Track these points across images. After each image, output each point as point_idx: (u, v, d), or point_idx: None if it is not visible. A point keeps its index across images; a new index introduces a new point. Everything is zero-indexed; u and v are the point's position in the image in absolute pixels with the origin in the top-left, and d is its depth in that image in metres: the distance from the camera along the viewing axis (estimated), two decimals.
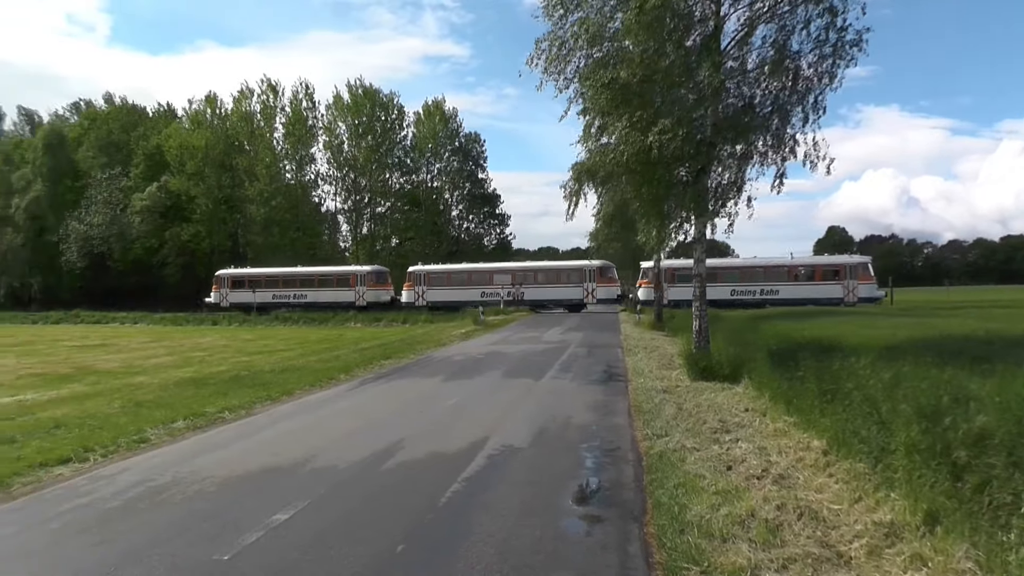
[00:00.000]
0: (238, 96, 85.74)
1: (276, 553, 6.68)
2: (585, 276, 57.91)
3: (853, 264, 52.57)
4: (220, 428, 13.24)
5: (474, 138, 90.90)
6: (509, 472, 9.44)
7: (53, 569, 6.63)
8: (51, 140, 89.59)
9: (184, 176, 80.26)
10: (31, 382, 20.55)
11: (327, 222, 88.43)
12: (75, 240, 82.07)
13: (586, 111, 18.09)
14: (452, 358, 25.05)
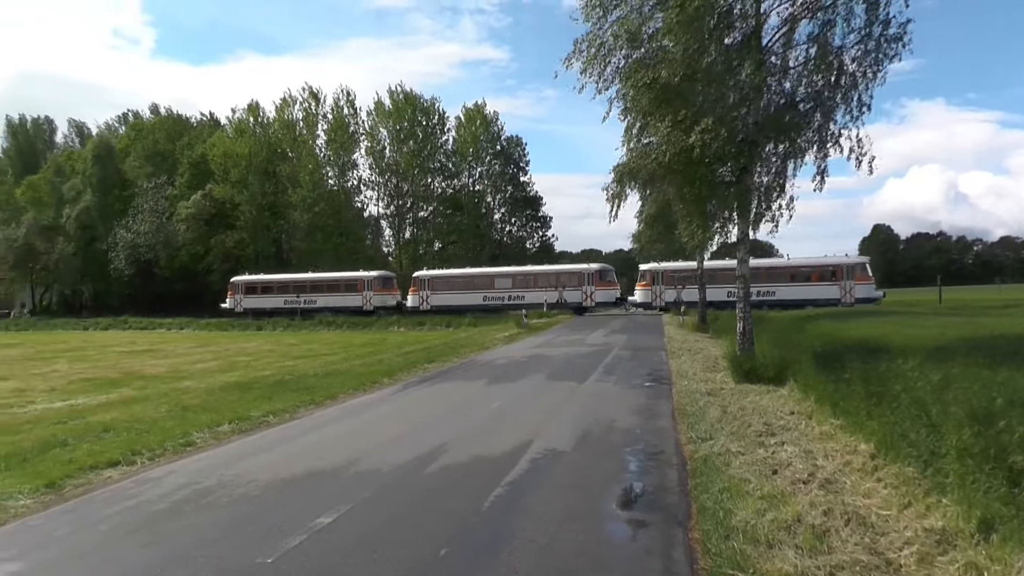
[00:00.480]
0: (280, 104, 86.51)
1: (319, 556, 6.69)
2: (584, 279, 58.86)
3: (850, 264, 52.72)
4: (264, 432, 13.34)
5: (516, 141, 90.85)
6: (552, 476, 9.37)
7: (102, 570, 6.71)
8: (100, 151, 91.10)
9: (228, 184, 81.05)
10: (82, 387, 20.87)
11: (370, 227, 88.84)
12: (123, 248, 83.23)
13: (627, 112, 17.97)
14: (495, 361, 25.04)
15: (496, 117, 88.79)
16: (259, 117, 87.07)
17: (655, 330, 38.76)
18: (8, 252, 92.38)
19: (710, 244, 27.21)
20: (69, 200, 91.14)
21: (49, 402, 17.85)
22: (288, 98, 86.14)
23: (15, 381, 22.77)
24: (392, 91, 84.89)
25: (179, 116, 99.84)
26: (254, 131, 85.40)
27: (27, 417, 15.48)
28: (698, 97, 16.80)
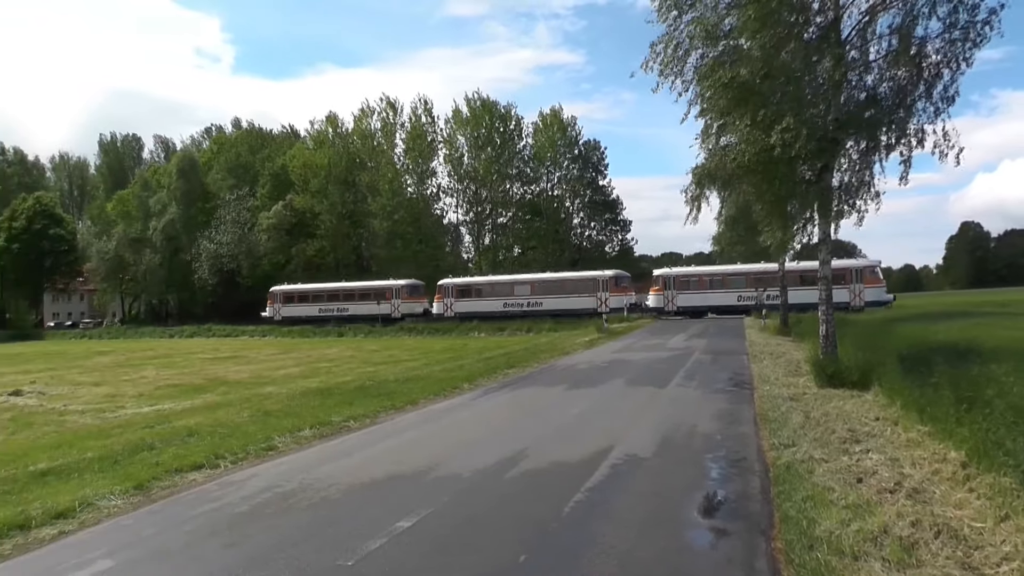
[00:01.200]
0: (359, 115, 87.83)
1: (398, 560, 6.72)
2: (599, 286, 60.19)
3: (859, 268, 53.06)
4: (345, 436, 13.49)
5: (593, 145, 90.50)
6: (633, 482, 9.28)
7: (187, 569, 6.88)
8: (184, 165, 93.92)
9: (308, 194, 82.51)
10: (168, 392, 21.42)
11: (449, 234, 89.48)
12: (206, 258, 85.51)
13: (705, 112, 17.75)
14: (576, 366, 24.96)
15: (574, 121, 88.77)
16: (338, 128, 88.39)
17: (736, 334, 38.25)
18: (100, 264, 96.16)
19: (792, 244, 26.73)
20: (155, 213, 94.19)
21: (138, 407, 18.40)
22: (366, 108, 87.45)
23: (107, 387, 23.49)
24: (469, 98, 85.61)
25: (260, 129, 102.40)
26: (333, 142, 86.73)
27: (117, 421, 15.99)
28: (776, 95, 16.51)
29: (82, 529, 8.28)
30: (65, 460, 11.55)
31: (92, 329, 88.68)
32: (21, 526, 8.20)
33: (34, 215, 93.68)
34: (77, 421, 16.35)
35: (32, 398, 21.08)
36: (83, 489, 9.59)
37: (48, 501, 9.04)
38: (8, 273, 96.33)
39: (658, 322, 52.62)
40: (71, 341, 71.33)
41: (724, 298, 54.60)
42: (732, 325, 46.70)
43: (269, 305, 74.23)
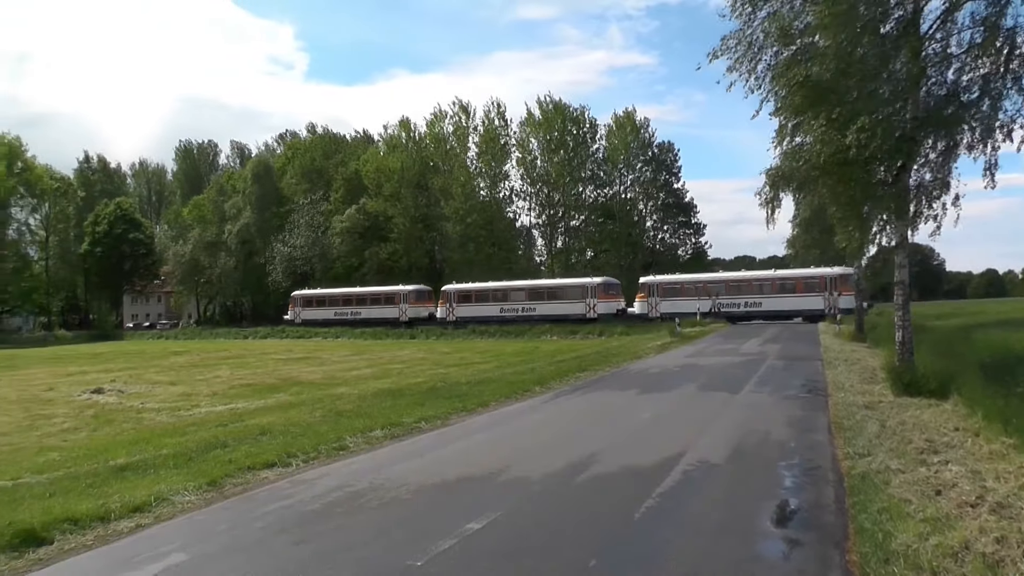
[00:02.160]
0: (431, 119, 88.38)
1: (468, 562, 6.72)
2: (587, 292, 62.08)
3: (834, 276, 53.94)
4: (416, 437, 13.58)
5: (667, 147, 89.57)
6: (705, 489, 9.17)
7: (258, 564, 6.97)
8: (259, 170, 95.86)
9: (381, 198, 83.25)
10: (242, 392, 21.79)
11: (522, 237, 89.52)
12: (280, 261, 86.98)
13: (778, 111, 17.41)
14: (648, 370, 24.79)
15: (647, 123, 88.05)
16: (411, 132, 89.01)
17: (811, 339, 37.62)
18: (176, 267, 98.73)
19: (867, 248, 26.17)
20: (230, 217, 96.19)
21: (212, 406, 18.77)
22: (439, 112, 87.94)
23: (182, 386, 24.00)
24: (541, 101, 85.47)
25: (333, 134, 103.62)
26: (406, 146, 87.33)
27: (192, 419, 16.32)
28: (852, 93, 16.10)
29: (157, 523, 8.48)
30: (142, 456, 11.84)
31: (169, 330, 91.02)
32: (102, 518, 8.44)
33: (115, 220, 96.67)
34: (154, 419, 16.74)
35: (112, 396, 21.64)
36: (159, 484, 9.81)
37: (126, 495, 9.27)
38: (91, 276, 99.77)
39: (731, 327, 52.06)
40: (149, 341, 73.17)
41: (705, 305, 56.87)
42: (806, 330, 46.02)
43: (291, 309, 79.06)
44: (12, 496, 9.51)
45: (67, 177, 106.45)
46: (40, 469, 11.31)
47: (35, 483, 10.28)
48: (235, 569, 6.86)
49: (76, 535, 8.00)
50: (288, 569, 6.76)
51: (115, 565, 7.11)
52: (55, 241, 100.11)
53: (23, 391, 23.90)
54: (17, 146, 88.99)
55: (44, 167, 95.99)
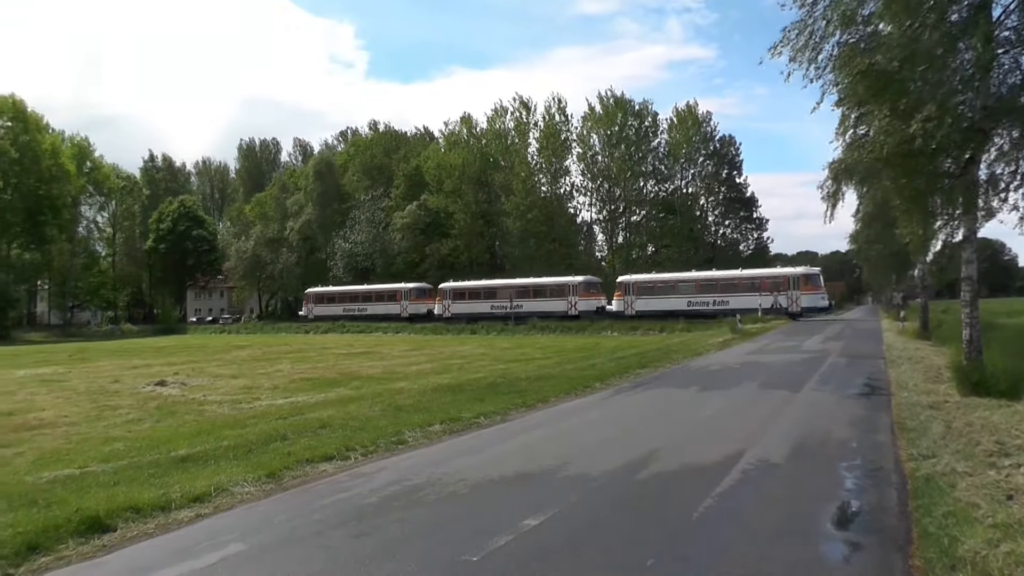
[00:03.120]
0: (492, 115, 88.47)
1: (525, 558, 6.68)
2: (568, 291, 65.81)
3: (797, 276, 57.63)
4: (475, 433, 13.59)
5: (729, 140, 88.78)
6: (765, 489, 9.02)
7: (316, 556, 7.01)
8: (320, 167, 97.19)
9: (442, 194, 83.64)
10: (302, 386, 22.00)
11: (583, 232, 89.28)
12: (341, 257, 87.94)
13: (841, 102, 17.01)
14: (708, 368, 24.60)
15: (708, 117, 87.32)
16: (472, 128, 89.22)
17: (873, 337, 37.05)
18: (239, 263, 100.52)
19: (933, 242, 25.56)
20: (292, 214, 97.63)
21: (272, 399, 18.94)
22: (500, 108, 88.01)
23: (244, 379, 24.28)
24: (602, 96, 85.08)
25: (394, 131, 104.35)
26: (467, 142, 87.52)
27: (253, 412, 16.50)
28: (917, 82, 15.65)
29: (217, 513, 8.60)
30: (203, 447, 12.00)
31: (231, 324, 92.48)
32: (162, 507, 8.59)
33: (179, 217, 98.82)
34: (215, 411, 16.94)
35: (175, 388, 21.96)
36: (219, 475, 9.96)
37: (187, 485, 9.41)
38: (156, 271, 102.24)
39: (793, 324, 51.47)
40: (211, 335, 74.34)
41: (676, 303, 60.09)
42: (869, 328, 45.40)
43: (304, 305, 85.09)
44: (79, 484, 9.69)
45: (133, 176, 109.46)
46: (105, 458, 11.51)
47: (100, 472, 10.47)
48: (293, 560, 6.91)
49: (138, 523, 8.14)
50: (346, 561, 6.80)
51: (175, 553, 7.21)
52: (121, 238, 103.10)
53: (91, 383, 24.40)
54: (86, 146, 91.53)
55: (111, 166, 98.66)
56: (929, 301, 41.04)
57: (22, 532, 7.51)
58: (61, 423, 15.81)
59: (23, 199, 77.72)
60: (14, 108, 78.76)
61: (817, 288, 56.71)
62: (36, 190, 78.29)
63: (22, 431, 14.87)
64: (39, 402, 19.70)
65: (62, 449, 12.72)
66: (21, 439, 13.91)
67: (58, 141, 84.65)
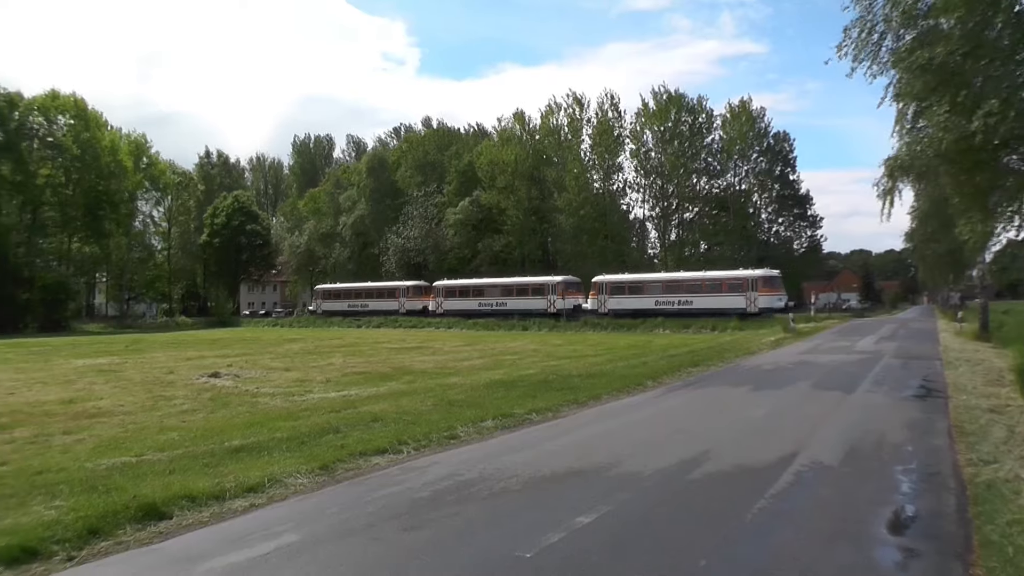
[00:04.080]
0: (545, 111, 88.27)
1: (578, 555, 6.68)
2: (549, 290, 68.25)
3: (755, 277, 59.01)
4: (527, 429, 13.60)
5: (783, 136, 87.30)
6: (818, 491, 8.93)
7: (369, 547, 7.11)
8: (373, 164, 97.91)
9: (495, 190, 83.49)
10: (355, 379, 22.09)
11: (635, 229, 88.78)
12: (394, 253, 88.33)
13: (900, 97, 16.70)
14: (761, 367, 24.41)
15: (762, 112, 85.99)
16: (525, 125, 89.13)
17: (929, 338, 36.47)
18: (292, 257, 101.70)
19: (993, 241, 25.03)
20: (345, 209, 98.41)
21: (325, 392, 19.02)
22: (553, 105, 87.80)
23: (296, 372, 24.45)
24: (656, 92, 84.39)
25: (447, 128, 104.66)
26: (520, 138, 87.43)
27: (305, 405, 16.61)
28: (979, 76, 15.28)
29: (270, 503, 8.72)
30: (257, 438, 12.14)
31: (283, 318, 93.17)
32: (217, 496, 8.74)
33: (233, 212, 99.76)
34: (268, 403, 17.08)
35: (229, 380, 22.19)
36: (272, 466, 10.08)
37: (241, 475, 9.56)
38: (210, 265, 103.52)
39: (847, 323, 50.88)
40: (264, 328, 75.08)
41: (644, 302, 62.45)
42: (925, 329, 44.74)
43: (313, 301, 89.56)
44: (136, 472, 9.86)
45: (188, 172, 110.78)
46: (161, 447, 11.69)
47: (156, 460, 10.63)
48: (346, 552, 6.99)
49: (193, 511, 8.28)
50: (398, 554, 6.86)
51: (230, 542, 7.32)
52: (177, 232, 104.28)
53: (146, 373, 24.75)
54: (143, 143, 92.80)
55: (167, 163, 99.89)
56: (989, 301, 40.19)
57: (83, 516, 7.70)
58: (118, 412, 16.06)
59: (84, 194, 79.13)
60: (76, 107, 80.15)
61: (775, 289, 58.67)
62: (96, 186, 79.68)
63: (81, 419, 15.13)
64: (97, 391, 20.02)
65: (119, 437, 12.92)
66: (80, 427, 14.16)
67: (117, 138, 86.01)
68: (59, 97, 79.36)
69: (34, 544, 7.03)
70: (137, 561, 6.94)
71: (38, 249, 79.82)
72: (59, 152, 77.45)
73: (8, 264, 72.22)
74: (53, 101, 78.68)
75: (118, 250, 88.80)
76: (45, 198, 78.07)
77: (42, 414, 15.82)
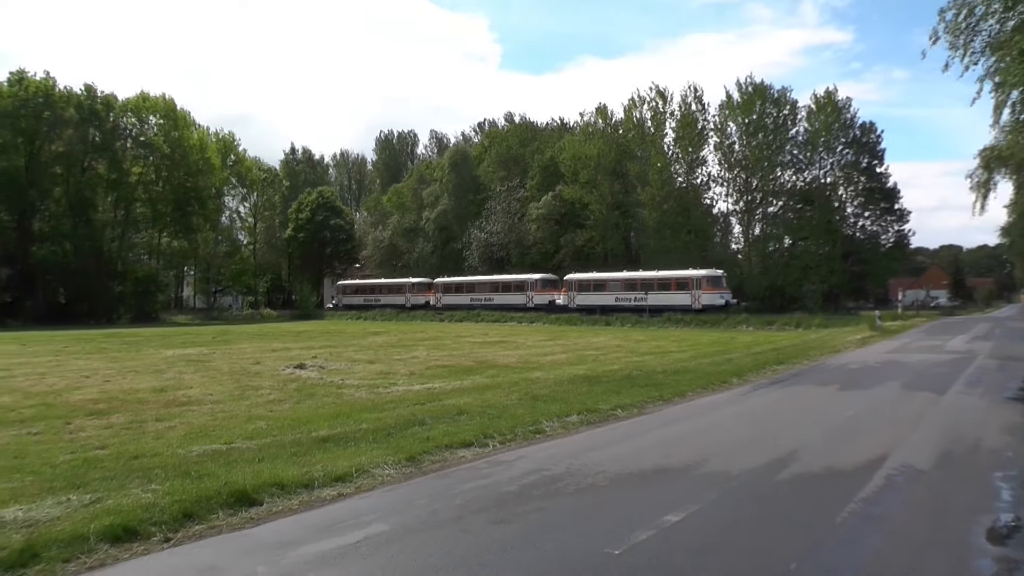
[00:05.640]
0: (628, 105, 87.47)
1: (666, 554, 6.64)
2: (527, 286, 75.92)
3: (699, 277, 63.97)
4: (612, 425, 13.60)
5: (869, 128, 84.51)
6: (911, 496, 8.71)
7: (457, 539, 7.18)
8: (456, 159, 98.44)
9: (578, 185, 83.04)
10: (438, 373, 22.25)
11: (719, 224, 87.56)
12: (477, 247, 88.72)
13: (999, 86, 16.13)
14: (847, 366, 24.00)
15: (848, 103, 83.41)
16: (607, 119, 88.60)
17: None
18: (375, 251, 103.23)
19: None
20: (428, 204, 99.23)
21: (409, 385, 19.19)
22: (636, 98, 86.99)
23: (380, 365, 24.70)
24: (740, 83, 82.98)
25: (530, 122, 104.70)
26: (603, 132, 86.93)
27: (390, 397, 16.77)
28: None
29: (358, 493, 8.86)
30: (343, 429, 12.33)
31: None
32: (306, 485, 8.92)
33: (317, 207, 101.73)
34: (353, 395, 17.28)
35: (313, 371, 22.51)
36: (359, 457, 10.24)
37: (328, 465, 9.72)
38: (294, 259, 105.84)
39: (936, 321, 49.65)
40: (347, 322, 75.95)
41: (605, 298, 68.67)
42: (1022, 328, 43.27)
43: (334, 296, 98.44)
44: (227, 459, 10.10)
45: (274, 168, 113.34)
46: (249, 435, 11.93)
47: (245, 448, 10.88)
48: (435, 543, 7.06)
49: (283, 499, 8.47)
50: (488, 547, 6.89)
51: (320, 530, 7.45)
52: (262, 227, 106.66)
53: (234, 364, 25.27)
54: (231, 141, 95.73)
55: (253, 159, 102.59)
56: None
57: (178, 501, 7.95)
58: (207, 401, 16.45)
59: (173, 191, 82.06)
60: (165, 107, 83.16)
61: (717, 288, 63.22)
62: (184, 182, 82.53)
63: (172, 407, 15.53)
64: (186, 380, 20.54)
65: (209, 425, 13.22)
66: (172, 414, 14.53)
67: (205, 136, 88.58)
68: (149, 98, 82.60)
69: (134, 524, 7.28)
70: (230, 545, 7.13)
71: (130, 244, 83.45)
72: (150, 151, 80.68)
73: (103, 258, 75.89)
74: (144, 102, 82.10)
75: (205, 244, 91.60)
76: (137, 195, 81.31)
77: (136, 401, 16.31)
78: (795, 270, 73.15)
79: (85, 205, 76.24)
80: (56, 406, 15.62)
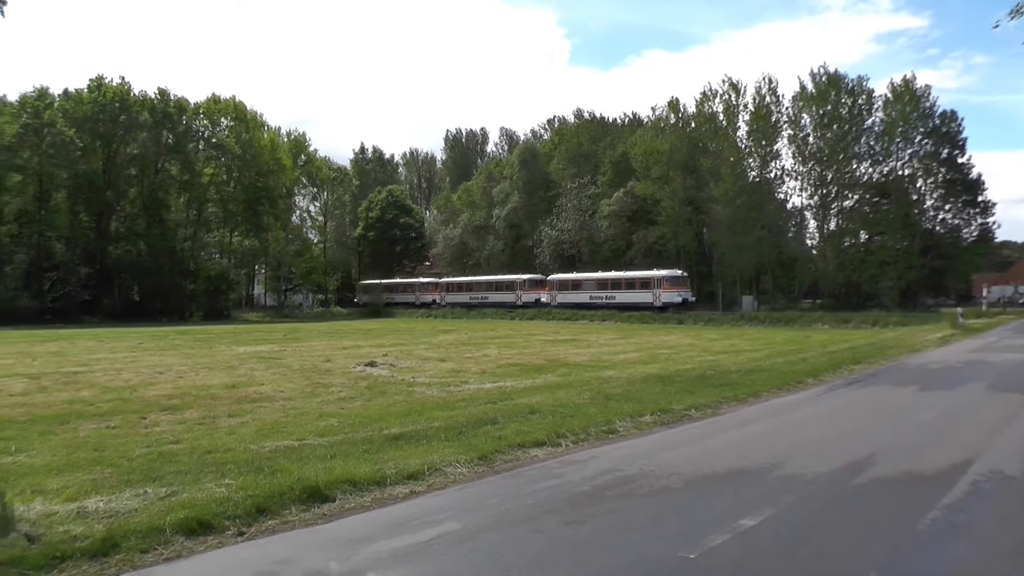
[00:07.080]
0: (700, 98, 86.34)
1: (743, 559, 6.52)
2: (516, 286, 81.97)
3: (659, 277, 68.86)
4: (686, 425, 13.45)
5: (950, 116, 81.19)
6: (999, 503, 8.40)
7: (529, 539, 7.12)
8: (525, 156, 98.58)
9: (650, 180, 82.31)
10: (509, 371, 22.26)
11: (793, 219, 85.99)
12: (547, 244, 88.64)
13: None
14: (927, 365, 23.42)
15: (927, 91, 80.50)
16: (679, 113, 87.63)
17: None
18: (445, 249, 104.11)
19: None
20: (498, 202, 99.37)
21: (480, 383, 19.24)
22: (708, 92, 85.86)
23: (451, 363, 24.84)
24: (814, 73, 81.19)
25: (600, 118, 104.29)
26: (675, 127, 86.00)
27: (461, 395, 16.82)
28: None
29: (430, 491, 8.86)
30: (414, 427, 12.36)
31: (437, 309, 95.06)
32: (378, 482, 8.95)
33: (387, 206, 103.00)
34: (424, 393, 17.35)
35: (384, 369, 22.69)
36: (431, 455, 10.23)
37: (400, 463, 9.73)
38: (364, 257, 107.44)
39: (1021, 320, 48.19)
40: (418, 320, 76.64)
41: (582, 297, 74.19)
42: None
43: (358, 294, 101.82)
44: (299, 455, 10.19)
45: (344, 167, 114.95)
46: (321, 432, 12.04)
47: (316, 445, 10.98)
48: (508, 542, 7.02)
49: (355, 496, 8.51)
50: (561, 548, 6.83)
51: (392, 527, 7.46)
52: (332, 226, 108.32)
53: (304, 361, 25.60)
54: (302, 141, 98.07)
55: (324, 159, 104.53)
56: None
57: (251, 496, 8.03)
58: (278, 397, 16.69)
59: (244, 191, 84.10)
60: (236, 109, 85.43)
61: (676, 287, 67.49)
62: (255, 182, 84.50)
63: (244, 403, 15.79)
64: (258, 377, 20.90)
65: (280, 422, 13.40)
66: (244, 410, 14.76)
67: (275, 137, 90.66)
68: (220, 101, 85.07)
69: (208, 518, 7.38)
70: (303, 540, 7.17)
71: (202, 243, 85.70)
72: (221, 152, 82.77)
73: (175, 257, 78.42)
74: (215, 105, 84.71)
75: (276, 243, 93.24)
76: (209, 195, 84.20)
77: (208, 397, 16.63)
78: (871, 266, 71.08)
79: (159, 206, 78.93)
80: (132, 401, 16.06)
